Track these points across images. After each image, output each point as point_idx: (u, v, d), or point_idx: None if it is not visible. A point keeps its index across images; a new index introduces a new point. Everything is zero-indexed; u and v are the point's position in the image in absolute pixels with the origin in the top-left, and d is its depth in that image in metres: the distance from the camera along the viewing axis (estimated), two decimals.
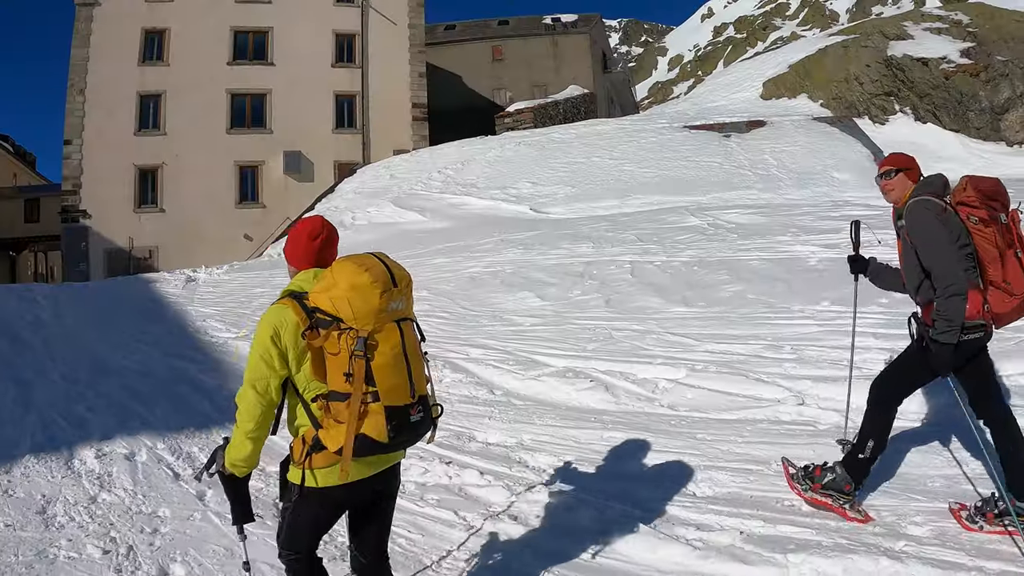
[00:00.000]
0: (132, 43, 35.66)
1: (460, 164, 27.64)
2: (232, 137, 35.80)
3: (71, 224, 33.52)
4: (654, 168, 24.44)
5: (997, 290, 4.21)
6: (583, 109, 43.01)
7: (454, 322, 11.31)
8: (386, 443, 2.98)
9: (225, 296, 15.63)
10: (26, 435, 7.34)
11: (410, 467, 6.22)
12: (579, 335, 9.85)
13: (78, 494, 6.07)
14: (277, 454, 6.74)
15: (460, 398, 8.17)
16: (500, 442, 6.94)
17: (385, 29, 38.19)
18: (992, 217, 4.20)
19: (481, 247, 16.71)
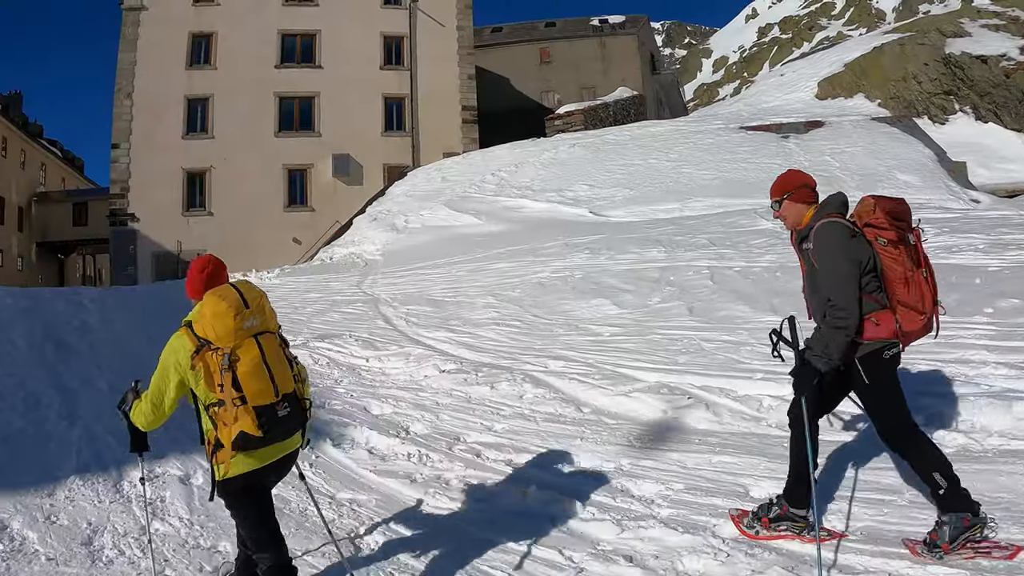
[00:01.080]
0: (179, 47, 35.64)
1: (514, 166, 27.08)
2: (280, 140, 35.56)
3: (119, 227, 33.52)
4: (713, 170, 23.67)
5: (906, 309, 4.20)
6: (633, 111, 42.21)
7: (526, 331, 10.62)
8: (261, 436, 3.64)
9: (278, 301, 14.79)
10: (71, 452, 6.84)
11: (502, 495, 5.77)
12: (667, 347, 9.03)
13: (128, 523, 5.54)
14: (348, 479, 6.15)
15: (545, 416, 7.44)
16: (596, 467, 6.19)
17: (433, 31, 37.75)
18: (901, 238, 4.21)
19: (545, 251, 16.04)
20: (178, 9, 35.87)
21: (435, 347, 10.28)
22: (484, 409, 7.75)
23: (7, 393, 8.83)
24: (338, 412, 7.96)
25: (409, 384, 8.88)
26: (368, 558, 5.03)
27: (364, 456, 6.83)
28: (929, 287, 4.24)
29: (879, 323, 4.22)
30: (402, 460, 6.69)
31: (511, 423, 7.28)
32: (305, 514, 5.70)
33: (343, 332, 11.55)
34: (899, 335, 4.23)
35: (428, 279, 15.56)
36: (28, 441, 7.15)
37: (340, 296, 15.20)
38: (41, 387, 9.07)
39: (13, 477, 6.25)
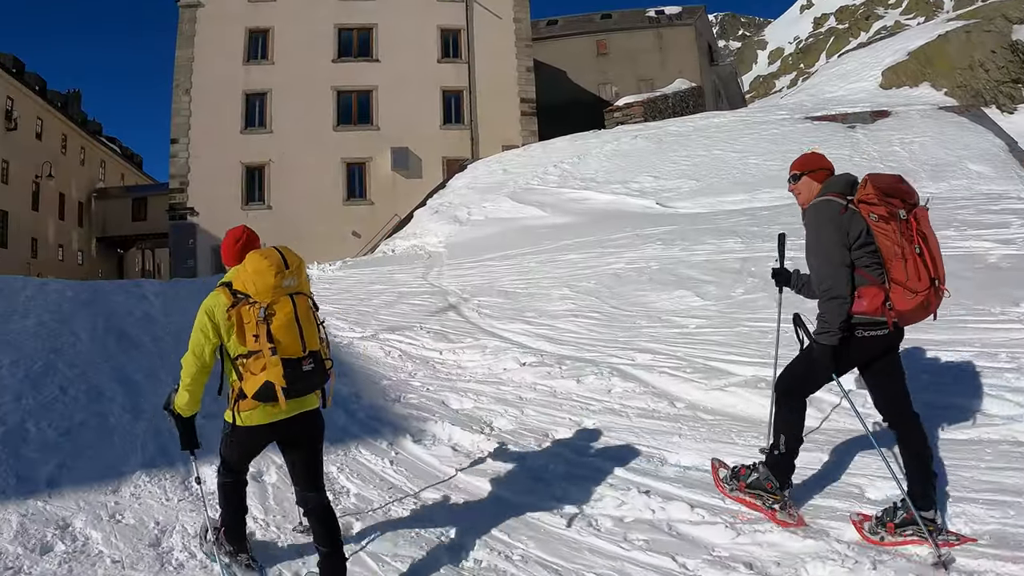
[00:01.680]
0: (236, 43, 35.84)
1: (576, 158, 26.59)
2: (339, 134, 35.47)
3: (179, 222, 33.75)
4: (779, 160, 22.77)
5: (900, 287, 4.17)
6: (691, 103, 41.53)
7: (607, 323, 10.07)
8: (285, 387, 3.84)
9: (343, 293, 14.85)
10: (136, 447, 6.62)
11: (603, 497, 5.28)
12: (758, 339, 8.37)
13: (199, 523, 5.14)
14: (432, 477, 5.65)
15: (637, 412, 6.91)
16: (699, 465, 5.66)
17: (490, 24, 37.47)
18: (891, 214, 4.17)
19: (615, 243, 15.49)
20: (234, 5, 36.09)
21: (512, 339, 9.78)
22: (571, 404, 7.27)
23: (69, 386, 8.68)
24: (415, 406, 7.55)
25: (488, 378, 8.42)
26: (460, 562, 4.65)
27: (448, 453, 6.42)
28: (925, 266, 4.16)
29: (861, 297, 4.25)
30: (489, 457, 6.26)
31: (602, 419, 6.79)
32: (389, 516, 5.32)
33: (414, 324, 11.17)
34: (884, 312, 4.22)
35: (496, 271, 15.08)
36: (91, 435, 6.95)
37: (407, 288, 14.81)
38: (104, 380, 8.95)
39: (76, 472, 6.05)
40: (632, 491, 5.23)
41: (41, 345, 11.01)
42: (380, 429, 6.97)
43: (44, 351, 10.58)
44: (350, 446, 6.59)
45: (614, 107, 37.39)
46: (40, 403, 7.92)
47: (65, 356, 10.30)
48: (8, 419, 7.31)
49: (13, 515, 5.21)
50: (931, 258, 4.18)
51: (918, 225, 4.19)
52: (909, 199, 4.26)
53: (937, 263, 4.20)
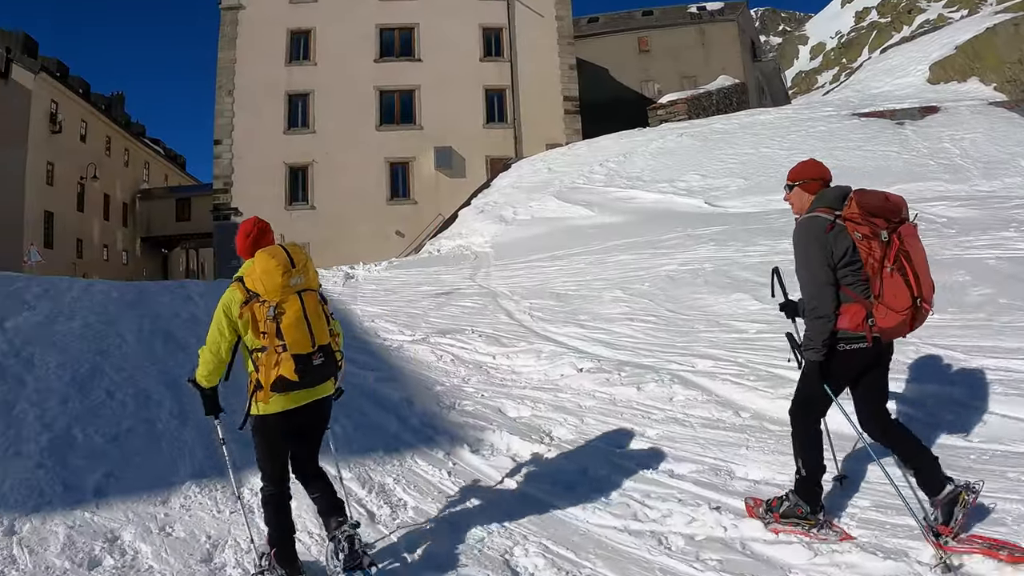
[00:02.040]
0: (278, 44, 35.99)
1: (622, 157, 26.22)
2: (382, 134, 35.38)
3: (223, 222, 33.77)
4: (828, 158, 21.76)
5: (882, 305, 4.18)
6: (735, 100, 40.94)
7: (664, 327, 9.71)
8: (297, 381, 4.10)
9: (389, 294, 14.65)
10: (185, 454, 6.48)
11: (672, 513, 4.92)
12: None
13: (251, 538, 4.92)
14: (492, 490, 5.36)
15: (701, 421, 6.57)
16: (768, 479, 5.32)
17: (532, 22, 37.14)
18: (874, 233, 4.17)
19: (666, 243, 15.12)
20: (275, 7, 36.23)
21: (567, 344, 9.47)
22: (632, 413, 6.93)
23: (116, 390, 8.58)
24: (471, 414, 7.28)
25: (545, 384, 8.11)
26: None
27: (507, 464, 6.14)
28: (908, 285, 4.14)
29: (843, 314, 4.28)
30: (551, 469, 5.97)
31: (665, 428, 6.47)
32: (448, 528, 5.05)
33: (464, 327, 10.90)
34: (865, 328, 4.23)
35: (546, 272, 14.77)
36: (139, 441, 6.83)
37: (455, 289, 14.56)
38: (151, 383, 8.84)
39: (124, 482, 5.92)
40: (703, 507, 4.94)
41: (87, 347, 10.94)
42: (435, 438, 6.72)
43: (90, 353, 10.50)
44: (405, 455, 6.35)
45: (658, 104, 37.05)
46: (87, 408, 7.82)
47: (111, 359, 10.20)
48: (55, 424, 7.22)
49: (60, 527, 5.10)
50: (914, 277, 4.15)
51: (901, 244, 4.16)
52: (894, 217, 4.23)
53: (921, 281, 4.16)
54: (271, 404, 4.19)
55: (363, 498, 5.59)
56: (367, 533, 4.98)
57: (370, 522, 5.19)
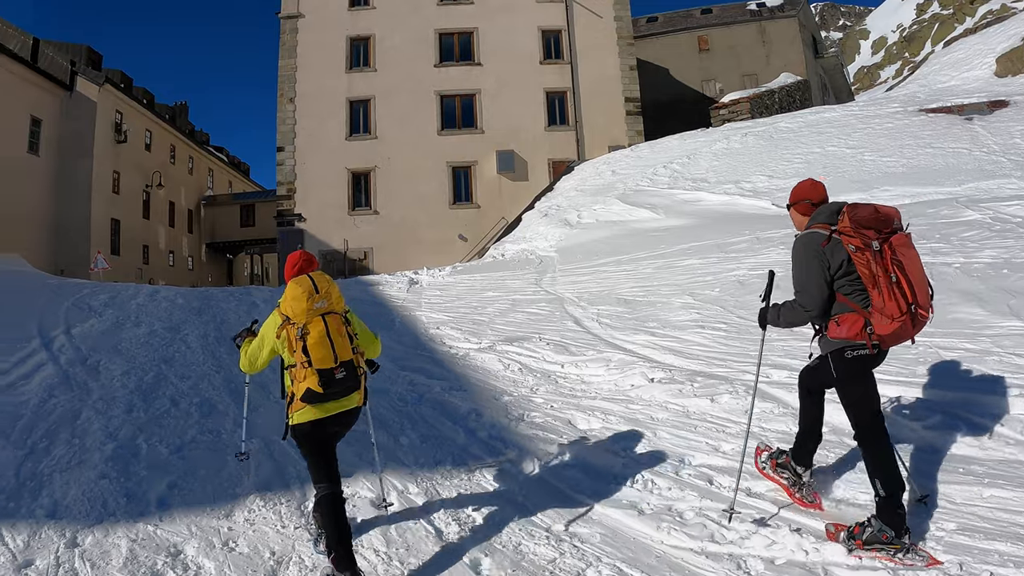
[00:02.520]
0: (338, 51, 36.13)
1: (686, 158, 25.76)
2: (443, 138, 35.33)
3: (286, 227, 34.09)
4: (896, 156, 21.67)
5: (878, 313, 4.35)
6: (798, 97, 40.15)
7: (735, 335, 9.32)
8: (322, 392, 4.58)
9: (454, 300, 14.51)
10: (250, 467, 6.34)
11: (751, 535, 4.69)
12: (899, 354, 7.46)
13: (316, 554, 4.89)
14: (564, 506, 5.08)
15: (778, 435, 6.22)
16: (850, 499, 5.04)
17: (591, 23, 36.71)
18: (865, 244, 4.34)
19: (734, 247, 14.66)
20: (334, 15, 36.48)
21: (637, 352, 9.18)
22: (707, 426, 6.62)
23: (181, 399, 8.56)
24: (540, 426, 7.03)
25: (615, 394, 7.83)
26: None
27: (579, 479, 5.87)
28: (902, 293, 4.32)
29: (840, 324, 4.51)
30: (624, 486, 5.67)
31: (740, 443, 6.06)
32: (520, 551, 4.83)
33: (531, 335, 10.69)
34: (864, 336, 4.43)
35: (612, 276, 14.46)
36: (203, 452, 6.78)
37: (520, 295, 14.36)
38: (216, 392, 8.84)
39: (188, 494, 5.86)
40: (782, 529, 4.67)
41: (152, 355, 11.00)
42: (504, 451, 6.51)
43: (155, 361, 10.55)
44: (473, 469, 6.14)
45: (720, 104, 36.47)
46: (151, 417, 7.84)
47: (176, 366, 10.22)
48: (119, 433, 7.22)
49: (123, 539, 5.04)
50: (908, 284, 4.33)
51: (892, 253, 4.34)
52: (885, 228, 4.41)
53: (916, 289, 4.35)
54: (304, 414, 4.70)
55: (430, 514, 5.37)
56: (434, 551, 4.87)
57: (438, 539, 4.99)
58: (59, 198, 35.71)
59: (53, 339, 11.65)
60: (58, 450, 6.68)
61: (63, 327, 12.66)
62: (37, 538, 5.04)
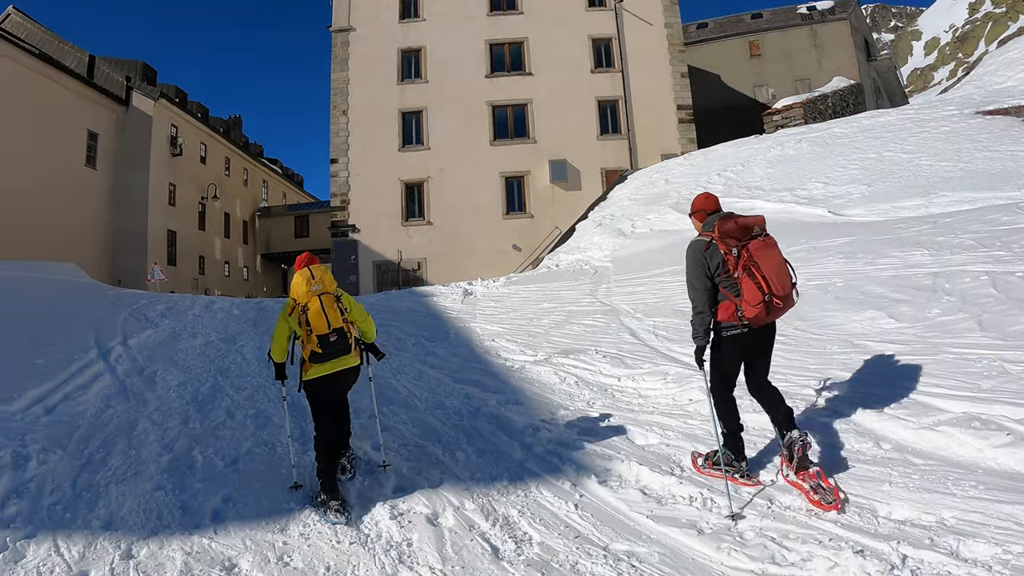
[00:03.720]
0: (389, 63, 36.38)
1: (740, 166, 25.35)
2: (496, 148, 35.31)
3: (340, 238, 34.34)
4: (953, 160, 21.02)
5: (743, 301, 5.53)
6: (851, 101, 39.31)
7: (795, 348, 9.02)
8: (321, 352, 6.09)
9: (509, 312, 14.42)
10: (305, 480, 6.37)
11: (812, 557, 4.56)
12: (964, 368, 7.18)
13: (372, 569, 4.87)
14: (622, 525, 4.96)
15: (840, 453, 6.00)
16: (913, 519, 4.80)
17: (641, 30, 36.44)
18: (730, 248, 5.55)
19: (791, 256, 14.02)
20: (385, 27, 36.78)
21: (694, 365, 8.92)
22: (766, 442, 6.41)
23: (236, 410, 8.59)
24: (598, 441, 6.89)
25: (673, 409, 7.65)
26: None
27: (637, 497, 5.71)
28: (758, 286, 5.43)
29: (720, 309, 5.72)
30: (683, 504, 5.53)
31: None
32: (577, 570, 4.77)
33: (587, 347, 10.54)
34: (736, 319, 5.62)
35: (668, 287, 14.14)
36: (258, 465, 6.80)
37: (576, 306, 14.18)
38: (271, 404, 8.90)
39: (242, 507, 5.88)
40: (845, 550, 4.50)
41: (208, 366, 11.06)
42: (561, 467, 6.35)
43: (211, 372, 10.60)
44: (530, 485, 6.01)
45: (773, 110, 35.75)
46: (207, 428, 7.88)
47: (232, 378, 10.26)
48: (175, 445, 7.25)
49: (177, 552, 5.07)
50: (763, 278, 5.44)
51: (749, 256, 5.49)
52: (744, 236, 5.57)
53: (772, 282, 5.44)
54: (311, 372, 6.18)
55: (486, 531, 5.30)
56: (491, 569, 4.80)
57: (494, 558, 4.90)
58: (116, 210, 36.66)
59: (110, 349, 11.79)
60: (114, 461, 6.74)
61: (120, 338, 12.81)
62: (93, 549, 5.07)
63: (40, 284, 19.70)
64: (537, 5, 36.91)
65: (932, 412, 6.27)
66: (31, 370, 9.86)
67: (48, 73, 33.15)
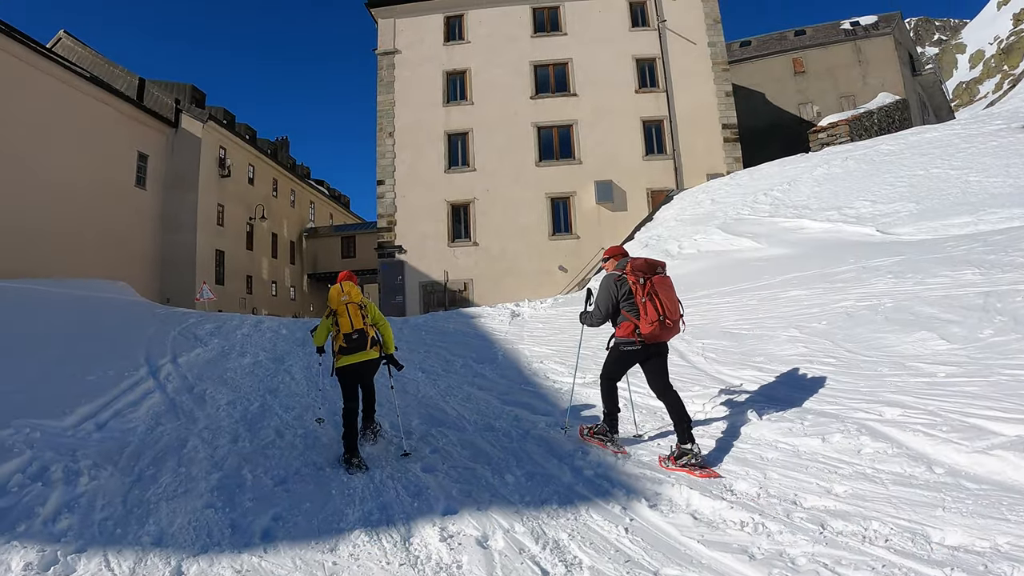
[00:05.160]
0: (434, 85, 36.74)
1: (786, 185, 25.11)
2: (541, 169, 35.31)
3: (387, 259, 34.57)
4: (1002, 176, 20.62)
5: (643, 321, 7.04)
6: (897, 117, 38.89)
7: (845, 370, 8.82)
8: (346, 347, 7.67)
9: (557, 334, 14.40)
10: (354, 501, 6.35)
11: None
12: (1019, 390, 6.95)
13: None
14: (672, 550, 4.87)
15: (892, 478, 5.80)
16: (967, 545, 4.63)
17: (685, 50, 36.36)
18: (637, 281, 7.16)
19: (839, 276, 14.07)
20: (430, 50, 37.21)
21: (744, 388, 8.85)
22: (818, 467, 6.25)
23: (285, 430, 8.66)
24: (647, 465, 6.80)
25: (723, 432, 7.50)
26: None
27: (687, 522, 5.58)
28: (656, 309, 6.97)
29: (620, 327, 7.28)
30: (733, 529, 5.39)
31: (853, 485, 5.77)
32: None
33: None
34: (633, 336, 7.09)
35: (715, 308, 14.03)
36: (307, 485, 6.80)
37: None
38: (320, 426, 8.91)
39: (292, 526, 5.87)
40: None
41: (257, 385, 11.15)
42: (611, 491, 6.26)
43: (260, 391, 10.68)
44: (580, 509, 5.92)
45: (818, 127, 35.67)
46: (256, 447, 7.96)
47: (280, 397, 10.33)
48: (225, 463, 7.31)
49: (227, 570, 5.09)
50: (659, 304, 6.99)
51: (652, 286, 7.06)
52: (649, 272, 7.19)
53: (665, 307, 7.00)
54: (340, 362, 7.78)
55: (536, 554, 5.20)
56: None
57: None
58: (165, 230, 37.34)
59: (160, 367, 11.97)
60: (165, 478, 6.81)
61: (170, 356, 13.00)
62: (143, 565, 5.11)
63: (92, 302, 20.08)
64: (580, 26, 37.06)
65: (986, 435, 6.10)
66: (83, 387, 10.05)
67: (99, 95, 34.01)
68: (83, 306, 18.65)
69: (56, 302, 17.99)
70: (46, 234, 29.11)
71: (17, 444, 7.28)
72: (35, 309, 16.54)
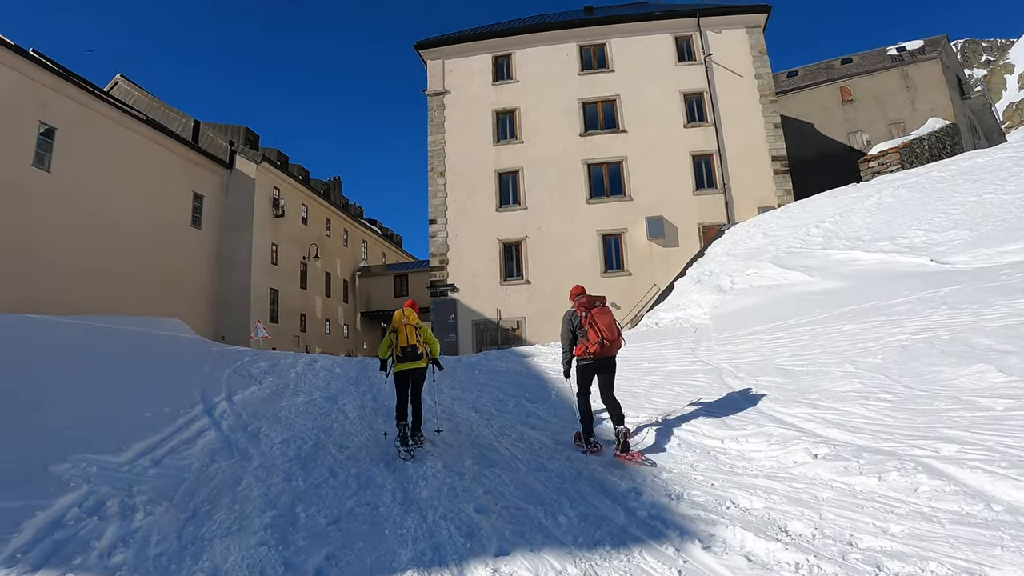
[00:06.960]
0: (484, 124, 37.03)
1: (838, 216, 24.72)
2: (592, 207, 35.29)
3: (440, 297, 34.72)
4: None
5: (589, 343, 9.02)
6: (947, 143, 37.99)
7: (902, 406, 8.59)
8: (402, 356, 9.82)
9: None
10: (407, 542, 6.29)
11: None
12: None
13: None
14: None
15: (950, 516, 5.60)
16: None
17: (732, 83, 36.27)
18: (583, 312, 9.21)
19: (894, 309, 13.80)
20: (479, 89, 37.55)
21: (798, 426, 8.65)
22: (873, 506, 6.07)
23: (339, 468, 8.71)
24: (701, 505, 6.66)
25: (778, 472, 7.36)
26: None
27: (742, 565, 5.45)
28: (598, 334, 9.00)
29: (577, 347, 9.21)
30: (788, 571, 5.24)
31: (910, 525, 5.59)
32: None
33: (689, 408, 10.34)
34: (586, 355, 9.07)
35: (769, 345, 13.86)
36: (361, 525, 6.79)
37: (677, 366, 13.93)
38: (374, 465, 8.95)
39: (345, 566, 5.86)
40: None
41: (311, 424, 11.25)
42: (664, 532, 6.16)
43: (314, 430, 10.78)
44: (632, 550, 5.84)
45: (868, 156, 34.89)
46: (310, 486, 7.98)
47: (334, 436, 10.42)
48: (278, 502, 7.35)
49: None
50: (600, 330, 8.99)
51: (592, 317, 9.06)
52: (590, 306, 9.21)
53: (603, 331, 8.98)
54: (396, 367, 9.73)
55: None
56: None
57: None
58: (221, 269, 38.18)
59: (215, 405, 12.14)
60: (219, 515, 6.89)
61: (225, 393, 13.18)
62: None
63: (148, 339, 20.45)
64: (627, 63, 37.18)
65: None
66: (139, 423, 10.23)
67: (155, 138, 35.02)
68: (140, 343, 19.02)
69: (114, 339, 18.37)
70: (106, 273, 29.92)
71: (74, 478, 7.41)
72: (93, 345, 16.90)
